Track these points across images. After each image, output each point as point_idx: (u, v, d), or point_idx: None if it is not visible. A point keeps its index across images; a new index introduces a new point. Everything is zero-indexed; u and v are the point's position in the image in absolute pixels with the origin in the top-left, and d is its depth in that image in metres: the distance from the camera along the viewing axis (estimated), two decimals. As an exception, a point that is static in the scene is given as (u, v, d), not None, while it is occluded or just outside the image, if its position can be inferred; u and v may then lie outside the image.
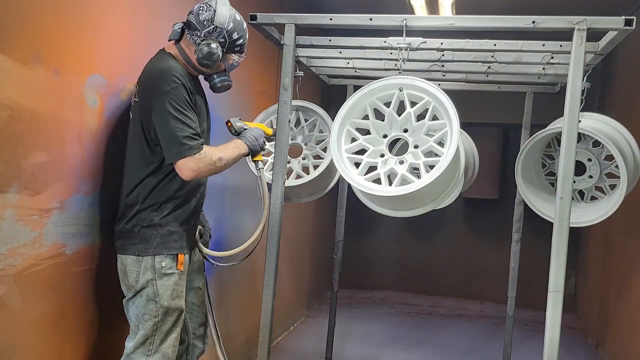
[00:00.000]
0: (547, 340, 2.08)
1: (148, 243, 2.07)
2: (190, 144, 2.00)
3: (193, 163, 2.01)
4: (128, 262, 2.08)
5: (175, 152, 2.00)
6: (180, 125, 2.00)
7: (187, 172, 2.02)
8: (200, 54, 2.10)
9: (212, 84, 2.26)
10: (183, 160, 2.00)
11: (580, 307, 5.69)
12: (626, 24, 2.09)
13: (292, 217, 4.55)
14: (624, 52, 4.44)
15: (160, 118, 2.00)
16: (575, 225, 2.76)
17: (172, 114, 2.00)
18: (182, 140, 1.99)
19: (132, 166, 2.11)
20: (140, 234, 2.07)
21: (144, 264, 2.06)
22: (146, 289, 2.07)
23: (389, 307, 6.02)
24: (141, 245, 2.07)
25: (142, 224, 2.08)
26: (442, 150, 2.36)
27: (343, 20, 2.38)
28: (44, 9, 1.82)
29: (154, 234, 2.08)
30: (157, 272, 2.07)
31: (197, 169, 2.03)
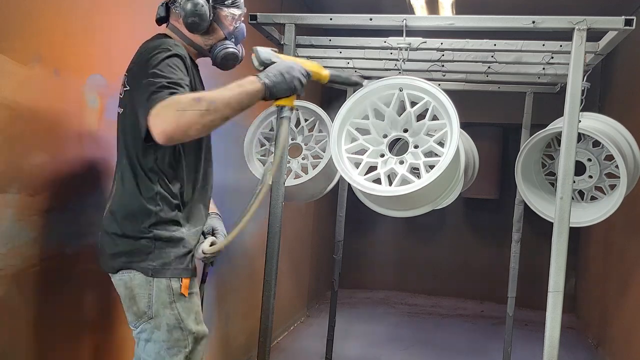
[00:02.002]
0: (547, 341, 2.08)
1: (165, 262, 1.70)
2: (156, 95, 1.52)
3: (155, 115, 1.49)
4: (135, 283, 1.69)
5: (143, 110, 1.55)
6: (156, 79, 1.56)
7: (154, 133, 1.50)
8: (183, 13, 1.74)
9: (214, 57, 1.85)
10: (149, 118, 1.50)
11: (581, 307, 5.69)
12: (626, 24, 2.09)
13: (292, 217, 4.55)
14: (624, 52, 4.43)
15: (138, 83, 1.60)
16: (575, 225, 2.76)
17: (152, 73, 1.58)
18: (150, 94, 1.54)
19: (129, 167, 1.72)
20: (156, 249, 1.69)
21: (156, 284, 1.68)
22: (166, 317, 1.68)
23: (389, 307, 6.02)
24: (156, 263, 1.69)
25: (158, 237, 1.70)
26: (442, 150, 2.36)
27: (343, 20, 2.38)
28: (44, 9, 1.82)
29: (173, 251, 1.71)
30: (174, 293, 1.70)
31: (162, 124, 1.48)
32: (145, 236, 1.69)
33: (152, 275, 1.68)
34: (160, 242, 1.70)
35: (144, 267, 1.68)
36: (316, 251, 5.51)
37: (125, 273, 1.71)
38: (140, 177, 1.71)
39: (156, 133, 1.49)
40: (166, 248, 1.70)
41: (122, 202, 1.72)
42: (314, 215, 5.41)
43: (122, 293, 1.73)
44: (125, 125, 1.74)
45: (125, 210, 1.71)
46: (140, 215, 1.69)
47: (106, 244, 1.75)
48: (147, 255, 1.69)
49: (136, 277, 1.69)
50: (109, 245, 1.74)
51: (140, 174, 1.71)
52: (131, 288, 1.70)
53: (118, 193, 1.75)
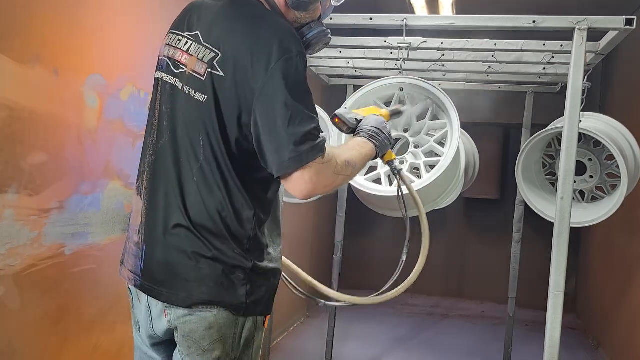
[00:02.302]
0: (548, 341, 2.08)
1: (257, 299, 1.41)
2: (311, 144, 1.30)
3: (312, 173, 1.30)
4: (221, 323, 1.37)
5: (290, 156, 1.28)
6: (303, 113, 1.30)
7: (301, 187, 1.31)
8: None
9: (305, 40, 1.51)
10: (302, 170, 1.29)
11: (581, 308, 5.68)
12: (627, 24, 2.09)
13: (292, 217, 4.54)
14: (625, 51, 4.43)
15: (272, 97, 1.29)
16: (576, 225, 2.76)
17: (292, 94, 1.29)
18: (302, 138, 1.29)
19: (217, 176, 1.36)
20: (250, 283, 1.39)
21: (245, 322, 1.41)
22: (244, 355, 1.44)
23: (389, 307, 6.01)
24: (249, 300, 1.39)
25: (255, 270, 1.40)
26: (443, 150, 2.35)
27: (343, 19, 2.38)
28: (44, 9, 1.81)
29: (266, 285, 1.44)
30: (257, 329, 1.44)
31: (317, 182, 1.31)
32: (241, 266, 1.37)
33: (243, 314, 1.39)
34: (255, 274, 1.40)
35: (235, 304, 1.37)
36: (316, 251, 5.51)
37: (207, 309, 1.36)
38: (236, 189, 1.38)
39: (303, 188, 1.31)
40: (259, 281, 1.41)
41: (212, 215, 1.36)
42: (314, 215, 5.40)
43: (194, 333, 1.37)
44: (211, 120, 1.36)
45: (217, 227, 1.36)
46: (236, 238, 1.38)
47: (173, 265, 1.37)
48: (241, 290, 1.37)
49: (222, 314, 1.36)
50: (185, 267, 1.36)
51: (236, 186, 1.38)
52: (217, 329, 1.37)
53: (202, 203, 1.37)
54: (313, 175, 1.31)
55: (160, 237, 1.39)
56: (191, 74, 1.39)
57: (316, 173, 1.31)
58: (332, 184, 1.37)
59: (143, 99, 2.33)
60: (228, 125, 1.35)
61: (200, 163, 1.37)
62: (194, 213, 1.37)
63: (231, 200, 1.37)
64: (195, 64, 1.38)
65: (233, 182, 1.37)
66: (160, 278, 1.39)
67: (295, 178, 1.31)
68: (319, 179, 1.32)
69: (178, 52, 1.44)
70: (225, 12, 1.42)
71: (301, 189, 1.32)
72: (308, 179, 1.30)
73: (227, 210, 1.36)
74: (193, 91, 1.38)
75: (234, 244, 1.37)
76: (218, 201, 1.36)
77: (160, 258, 1.39)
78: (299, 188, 1.32)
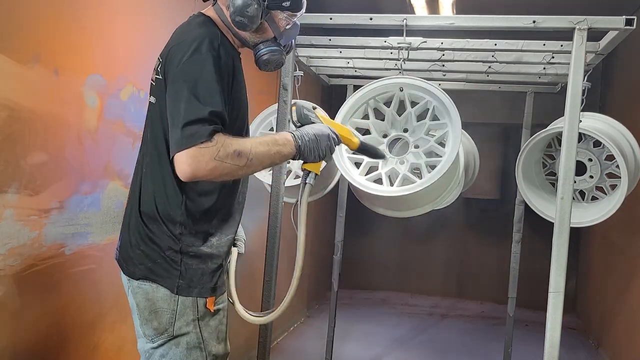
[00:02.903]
0: (548, 341, 2.08)
1: (192, 281, 1.57)
2: (195, 130, 1.42)
3: (189, 156, 1.41)
4: (159, 296, 1.57)
5: (175, 140, 1.44)
6: (194, 102, 1.43)
7: (180, 168, 1.44)
8: (232, 8, 1.56)
9: (257, 55, 1.68)
10: (182, 152, 1.42)
11: (581, 308, 5.68)
12: (627, 24, 2.09)
13: (291, 218, 4.54)
14: (625, 51, 4.43)
15: (173, 93, 1.48)
16: (576, 225, 2.76)
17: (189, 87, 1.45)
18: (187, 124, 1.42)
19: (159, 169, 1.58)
20: (183, 265, 1.56)
21: (181, 300, 1.56)
22: (187, 335, 1.58)
23: (389, 307, 6.01)
24: (183, 281, 1.56)
25: (187, 252, 1.57)
26: (443, 150, 2.35)
27: (343, 19, 2.38)
28: (44, 9, 1.81)
29: (201, 268, 1.59)
30: (199, 310, 1.59)
31: (194, 165, 1.42)
32: (172, 248, 1.56)
33: (177, 293, 1.55)
34: (187, 256, 1.57)
35: (169, 284, 1.55)
36: (316, 251, 5.51)
37: (147, 283, 1.57)
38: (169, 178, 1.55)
39: (182, 170, 1.43)
40: (194, 264, 1.57)
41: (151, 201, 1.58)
42: (314, 215, 5.40)
43: (140, 303, 1.59)
44: (157, 118, 1.58)
45: (154, 213, 1.57)
46: (168, 222, 1.56)
47: (129, 245, 1.61)
48: (174, 271, 1.56)
49: (160, 290, 1.56)
50: (131, 247, 1.60)
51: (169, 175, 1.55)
52: (153, 301, 1.57)
53: (147, 190, 1.60)
54: (189, 158, 1.42)
55: (126, 221, 1.66)
56: (150, 82, 1.66)
57: (192, 156, 1.41)
58: (213, 169, 1.44)
59: (143, 99, 2.33)
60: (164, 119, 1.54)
61: (149, 156, 1.61)
62: (142, 201, 1.60)
63: (165, 188, 1.56)
64: (153, 73, 1.64)
65: (168, 172, 1.55)
66: (123, 255, 1.64)
67: (176, 160, 1.45)
68: (196, 162, 1.42)
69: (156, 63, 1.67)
70: (178, 28, 1.65)
71: (180, 169, 1.44)
72: (184, 161, 1.42)
73: (160, 197, 1.56)
74: (150, 95, 1.65)
75: (166, 228, 1.56)
76: (156, 190, 1.57)
77: (125, 239, 1.65)
78: (179, 169, 1.44)
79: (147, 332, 1.59)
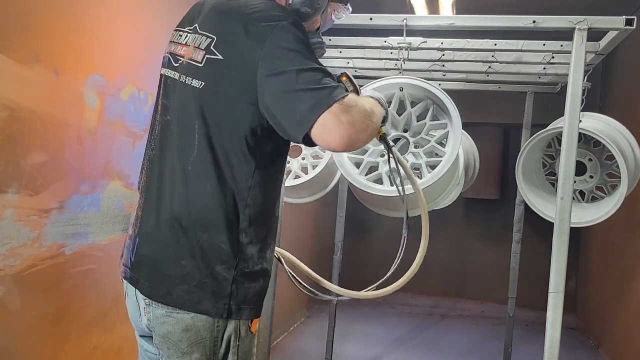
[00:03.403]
0: (548, 341, 2.08)
1: (243, 302, 1.33)
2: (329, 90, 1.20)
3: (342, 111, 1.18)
4: (200, 325, 1.31)
5: (310, 103, 1.18)
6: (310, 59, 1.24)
7: (340, 132, 1.18)
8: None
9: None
10: (329, 112, 1.17)
11: (581, 308, 5.68)
12: (627, 24, 2.09)
13: (292, 217, 4.54)
14: (625, 51, 4.43)
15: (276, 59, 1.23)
16: (576, 225, 2.76)
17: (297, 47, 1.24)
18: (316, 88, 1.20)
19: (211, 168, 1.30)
20: (234, 284, 1.31)
21: (224, 325, 1.32)
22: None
23: (389, 307, 6.01)
24: (233, 302, 1.31)
25: (242, 268, 1.32)
26: (443, 150, 2.35)
27: (343, 19, 2.37)
28: (44, 9, 1.81)
29: (253, 287, 1.34)
30: (240, 335, 1.35)
31: (352, 122, 1.19)
32: (226, 262, 1.30)
33: (226, 317, 1.31)
34: (242, 273, 1.32)
35: (216, 308, 1.30)
36: (316, 251, 5.51)
37: (183, 311, 1.30)
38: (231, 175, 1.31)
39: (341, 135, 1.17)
40: (246, 282, 1.33)
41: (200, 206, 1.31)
42: (314, 215, 5.40)
43: (172, 335, 1.32)
44: (211, 108, 1.31)
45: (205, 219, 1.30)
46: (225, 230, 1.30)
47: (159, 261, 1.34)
48: (223, 291, 1.30)
49: (201, 317, 1.30)
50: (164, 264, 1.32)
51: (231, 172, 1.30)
52: (195, 331, 1.31)
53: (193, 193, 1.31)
54: (344, 114, 1.18)
55: (151, 230, 1.36)
56: (188, 62, 1.37)
57: (346, 111, 1.18)
58: (366, 128, 1.24)
59: (143, 99, 2.33)
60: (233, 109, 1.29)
61: (195, 151, 1.31)
62: (186, 205, 1.31)
63: (224, 193, 1.29)
64: (192, 53, 1.36)
65: (229, 169, 1.30)
66: (145, 271, 1.36)
67: (326, 124, 1.17)
68: (353, 117, 1.19)
69: (178, 46, 1.45)
70: (220, 2, 1.41)
71: (339, 134, 1.18)
72: (343, 120, 1.17)
73: (216, 200, 1.29)
74: (190, 79, 1.35)
75: (222, 238, 1.30)
76: (209, 191, 1.29)
77: (147, 251, 1.37)
78: (335, 135, 1.18)
79: None
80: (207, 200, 1.30)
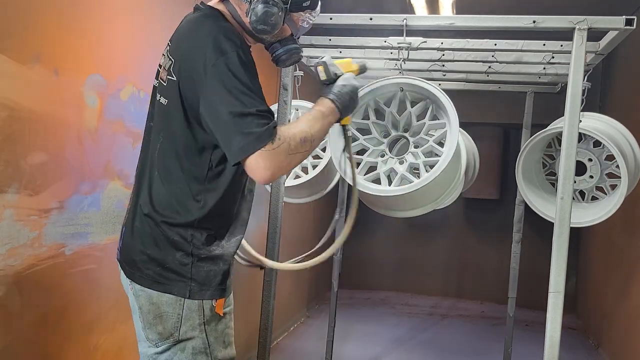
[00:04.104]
0: (548, 341, 2.08)
1: (204, 284, 1.53)
2: (257, 131, 1.37)
3: (265, 159, 1.38)
4: (164, 300, 1.52)
5: (238, 146, 1.38)
6: (243, 106, 1.38)
7: (260, 173, 1.40)
8: (253, 17, 1.52)
9: (276, 56, 1.65)
10: (252, 157, 1.38)
11: (581, 308, 5.69)
12: (627, 24, 2.09)
13: (292, 217, 4.54)
14: (625, 51, 4.43)
15: (215, 102, 1.41)
16: (576, 225, 2.76)
17: (230, 92, 1.39)
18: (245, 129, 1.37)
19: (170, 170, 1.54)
20: (194, 268, 1.52)
21: (187, 304, 1.51)
22: (193, 339, 1.53)
23: (389, 307, 6.02)
24: (194, 284, 1.52)
25: (198, 255, 1.52)
26: (442, 150, 2.35)
27: (343, 19, 2.38)
28: (44, 9, 1.81)
29: (213, 270, 1.54)
30: (205, 314, 1.54)
31: (274, 166, 1.39)
32: (183, 250, 1.52)
33: (189, 296, 1.51)
34: (198, 259, 1.53)
35: (180, 288, 1.51)
36: (316, 251, 5.51)
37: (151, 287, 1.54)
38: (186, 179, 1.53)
39: (261, 174, 1.39)
40: (205, 266, 1.53)
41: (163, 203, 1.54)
42: (314, 215, 5.40)
43: (143, 306, 1.54)
44: (171, 119, 1.54)
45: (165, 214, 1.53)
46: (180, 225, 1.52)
47: (134, 248, 1.57)
48: (185, 274, 1.51)
49: (165, 294, 1.51)
50: (137, 250, 1.56)
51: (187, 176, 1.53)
52: (158, 305, 1.52)
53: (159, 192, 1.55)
54: (266, 161, 1.38)
55: (130, 221, 1.61)
56: (160, 81, 1.61)
57: (268, 158, 1.38)
58: (289, 164, 1.44)
59: (143, 99, 2.33)
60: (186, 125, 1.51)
61: (163, 156, 1.56)
62: (152, 202, 1.55)
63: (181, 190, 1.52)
64: (162, 72, 1.59)
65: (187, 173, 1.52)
66: (126, 257, 1.60)
67: (250, 166, 1.40)
68: (275, 163, 1.40)
69: (163, 59, 1.63)
70: (186, 24, 1.59)
71: (258, 173, 1.40)
72: (261, 165, 1.39)
73: (175, 199, 1.53)
74: (159, 95, 1.60)
75: (177, 230, 1.51)
76: (171, 191, 1.53)
77: (127, 239, 1.61)
78: (256, 173, 1.41)
79: (151, 337, 1.55)
80: (167, 198, 1.53)
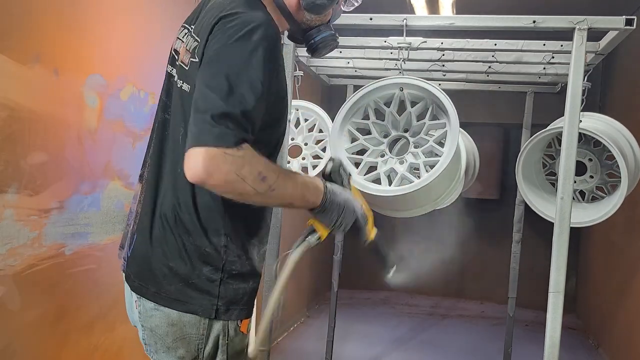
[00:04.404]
0: (548, 341, 2.08)
1: (232, 302, 1.32)
2: (225, 131, 1.15)
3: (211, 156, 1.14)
4: (186, 320, 1.30)
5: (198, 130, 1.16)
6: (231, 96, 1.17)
7: (193, 165, 1.15)
8: None
9: (312, 43, 1.48)
10: (202, 149, 1.14)
11: (581, 308, 5.68)
12: (627, 24, 2.09)
13: (292, 217, 4.54)
14: (625, 51, 4.43)
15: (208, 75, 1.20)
16: (576, 225, 2.76)
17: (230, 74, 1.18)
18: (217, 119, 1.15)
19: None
20: (222, 285, 1.30)
21: (211, 324, 1.31)
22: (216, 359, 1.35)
23: (389, 307, 6.02)
24: (221, 304, 1.30)
25: (229, 272, 1.31)
26: (443, 150, 2.35)
27: (343, 19, 2.36)
28: (44, 9, 1.81)
29: (242, 287, 1.34)
30: (229, 335, 1.34)
31: (212, 169, 1.14)
32: (212, 264, 1.30)
33: (215, 317, 1.30)
34: (228, 274, 1.31)
35: (204, 308, 1.29)
36: (316, 251, 5.51)
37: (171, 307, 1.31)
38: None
39: (194, 168, 1.14)
40: (235, 284, 1.32)
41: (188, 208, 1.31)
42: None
43: (158, 328, 1.32)
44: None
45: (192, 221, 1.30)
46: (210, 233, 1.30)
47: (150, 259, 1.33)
48: (212, 292, 1.30)
49: (187, 315, 1.30)
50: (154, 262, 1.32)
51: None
52: (179, 327, 1.31)
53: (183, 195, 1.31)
54: (209, 159, 1.13)
55: (146, 228, 1.36)
56: (180, 64, 1.36)
57: (213, 158, 1.13)
58: (230, 182, 1.16)
59: (143, 99, 2.33)
60: None
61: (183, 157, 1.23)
62: (176, 207, 1.31)
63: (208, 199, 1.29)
64: (184, 55, 1.36)
65: None
66: (138, 269, 1.37)
67: (191, 154, 1.15)
68: (214, 166, 1.14)
69: (179, 43, 1.42)
70: (216, 3, 1.36)
71: (192, 166, 1.15)
72: (201, 159, 1.13)
73: (202, 203, 1.29)
74: (180, 81, 1.35)
75: (207, 241, 1.30)
76: (196, 194, 1.29)
77: (142, 249, 1.37)
78: (190, 165, 1.15)
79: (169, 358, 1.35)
80: (191, 205, 1.30)
